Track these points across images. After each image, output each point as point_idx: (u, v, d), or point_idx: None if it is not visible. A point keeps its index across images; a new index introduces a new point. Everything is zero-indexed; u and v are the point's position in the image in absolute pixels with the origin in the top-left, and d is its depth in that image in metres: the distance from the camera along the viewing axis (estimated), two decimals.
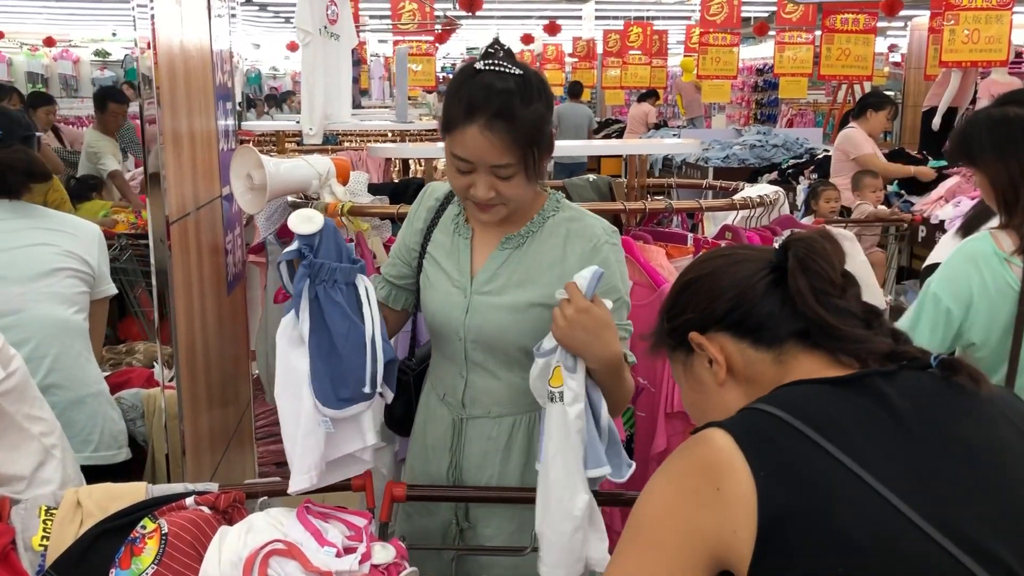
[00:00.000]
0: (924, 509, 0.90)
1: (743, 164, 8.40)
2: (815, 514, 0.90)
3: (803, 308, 1.05)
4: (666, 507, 0.97)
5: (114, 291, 2.26)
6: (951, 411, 0.99)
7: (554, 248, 1.66)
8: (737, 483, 0.93)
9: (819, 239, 1.08)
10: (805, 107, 14.67)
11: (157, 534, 1.52)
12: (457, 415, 1.75)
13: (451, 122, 1.55)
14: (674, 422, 2.16)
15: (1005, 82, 6.47)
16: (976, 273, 1.86)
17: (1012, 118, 1.87)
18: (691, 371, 1.16)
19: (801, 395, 1.00)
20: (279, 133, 4.33)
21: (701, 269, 1.16)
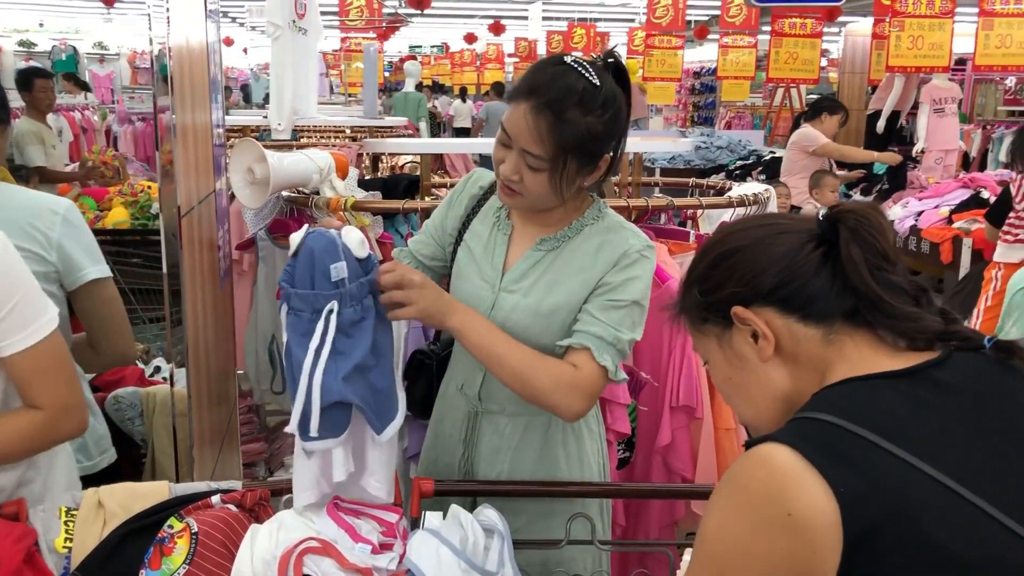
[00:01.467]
0: (1008, 507, 0.87)
1: (689, 165, 8.55)
2: (905, 526, 0.86)
3: (856, 282, 0.99)
4: (738, 541, 0.91)
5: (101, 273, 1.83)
6: (1013, 397, 0.96)
7: (585, 255, 1.64)
8: (811, 503, 0.87)
9: (871, 211, 1.02)
10: (743, 110, 14.99)
11: (187, 533, 1.48)
12: (473, 407, 1.75)
13: (513, 94, 1.57)
14: (678, 416, 2.19)
15: (946, 87, 6.71)
16: None
17: None
18: (729, 346, 1.07)
19: (860, 398, 0.95)
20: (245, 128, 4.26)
21: (739, 240, 1.08)
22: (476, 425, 1.75)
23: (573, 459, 1.72)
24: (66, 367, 1.53)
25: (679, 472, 2.20)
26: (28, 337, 1.46)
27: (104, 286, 1.84)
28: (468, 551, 1.43)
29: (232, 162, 2.11)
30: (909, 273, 1.03)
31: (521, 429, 1.72)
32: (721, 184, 2.82)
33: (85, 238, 1.83)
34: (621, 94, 1.56)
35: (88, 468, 1.94)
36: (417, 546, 1.45)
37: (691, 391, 2.17)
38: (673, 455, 2.21)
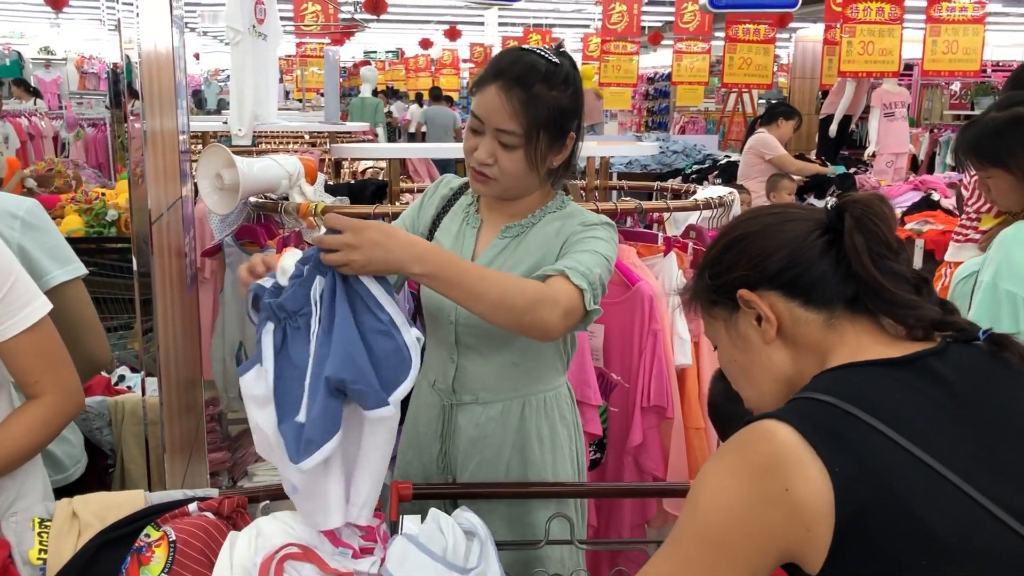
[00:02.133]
0: (997, 496, 0.89)
1: (645, 170, 8.63)
2: (896, 509, 0.88)
3: (858, 268, 1.01)
4: (733, 510, 0.92)
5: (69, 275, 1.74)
6: (1008, 390, 0.98)
7: (547, 236, 1.69)
8: (807, 481, 0.89)
9: (876, 200, 1.05)
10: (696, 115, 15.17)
11: (164, 542, 1.47)
12: (447, 401, 1.77)
13: (479, 80, 1.63)
14: (649, 416, 2.22)
15: (896, 92, 6.87)
16: None
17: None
18: (734, 329, 1.11)
19: (859, 382, 0.97)
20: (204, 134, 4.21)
21: (749, 226, 1.11)
22: (452, 418, 1.76)
23: (546, 443, 1.75)
24: (63, 350, 1.53)
25: (651, 471, 2.23)
26: (27, 318, 1.46)
27: (73, 288, 1.77)
28: (449, 556, 1.44)
29: (200, 168, 2.09)
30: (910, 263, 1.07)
31: (496, 416, 1.74)
32: (684, 187, 2.86)
33: (49, 240, 1.75)
34: (578, 73, 1.65)
35: (60, 481, 1.89)
36: (395, 554, 1.45)
37: (661, 391, 2.20)
38: (645, 455, 2.23)
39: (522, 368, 1.72)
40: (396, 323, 1.37)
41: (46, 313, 1.49)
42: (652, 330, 2.19)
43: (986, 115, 2.17)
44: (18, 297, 1.45)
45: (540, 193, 1.72)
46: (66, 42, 15.30)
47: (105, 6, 1.75)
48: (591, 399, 2.11)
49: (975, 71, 6.89)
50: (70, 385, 1.53)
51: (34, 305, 1.48)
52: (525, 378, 1.73)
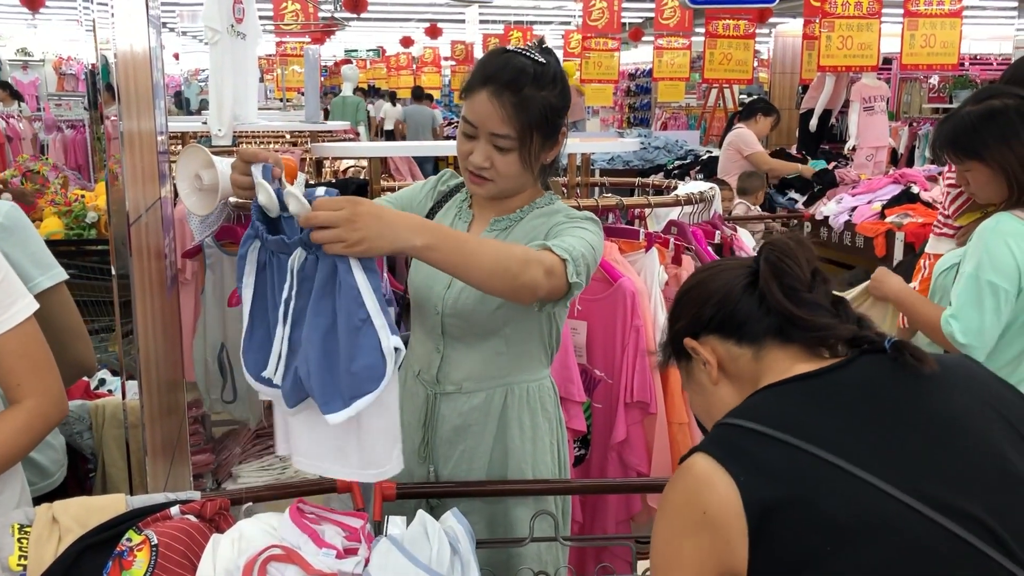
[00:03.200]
0: (897, 480, 0.98)
1: (628, 166, 8.65)
2: (797, 503, 0.98)
3: (772, 303, 1.15)
4: (670, 548, 1.07)
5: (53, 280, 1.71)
6: (909, 388, 1.08)
7: (533, 230, 1.71)
8: (720, 498, 1.01)
9: (789, 242, 1.19)
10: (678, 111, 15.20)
11: (146, 546, 1.46)
12: (431, 391, 1.78)
13: (468, 87, 1.64)
14: (633, 412, 2.23)
15: (875, 86, 6.91)
16: (1014, 249, 2.06)
17: (1001, 108, 2.10)
18: (691, 375, 1.26)
19: (768, 402, 1.10)
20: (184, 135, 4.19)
21: (692, 280, 1.28)
22: (435, 408, 1.78)
23: (527, 432, 1.77)
24: (48, 354, 1.51)
25: (635, 467, 2.23)
26: (13, 317, 1.44)
27: (58, 293, 1.74)
28: (433, 562, 1.43)
29: (179, 168, 2.07)
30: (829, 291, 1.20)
31: (479, 404, 1.75)
32: (665, 183, 2.87)
33: (31, 244, 1.71)
34: (563, 69, 1.68)
35: (43, 488, 1.87)
36: (379, 557, 1.44)
37: (644, 387, 2.20)
38: (628, 451, 2.24)
39: (506, 357, 1.74)
40: (375, 323, 1.35)
41: (32, 313, 1.48)
42: (634, 326, 2.20)
43: (962, 109, 2.19)
44: (6, 295, 1.44)
45: (531, 191, 1.75)
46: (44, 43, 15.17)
47: (81, 6, 1.73)
48: (575, 395, 2.11)
49: (953, 64, 6.94)
50: (53, 390, 1.51)
51: (21, 304, 1.46)
52: (509, 367, 1.75)
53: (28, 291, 1.56)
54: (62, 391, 1.54)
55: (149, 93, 2.16)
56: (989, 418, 1.08)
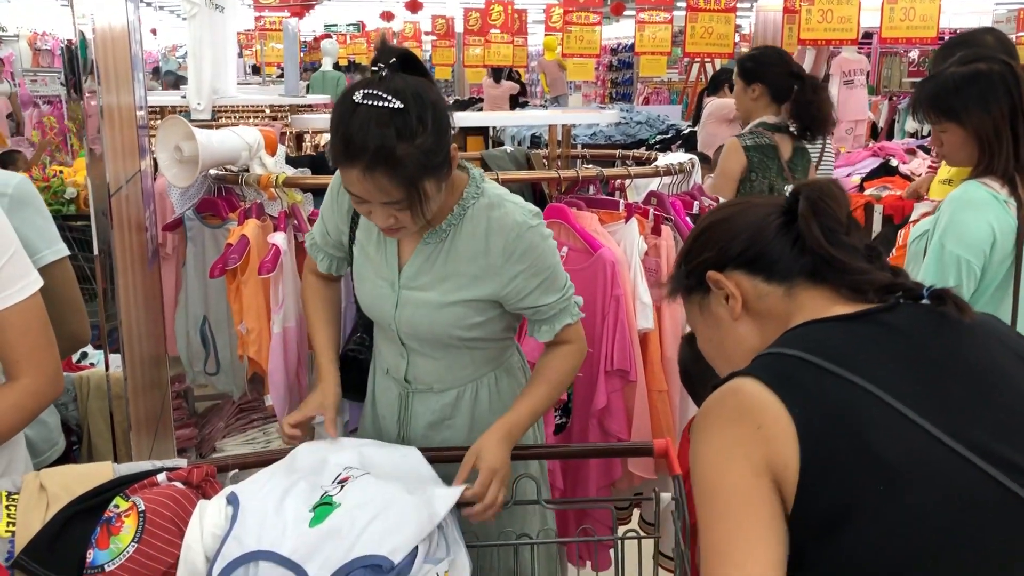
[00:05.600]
0: (944, 426, 0.97)
1: (610, 141, 8.65)
2: (851, 441, 0.96)
3: (811, 243, 1.12)
4: (723, 467, 1.00)
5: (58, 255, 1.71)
6: (950, 337, 1.07)
7: (476, 241, 1.64)
8: (775, 420, 0.98)
9: (829, 184, 1.17)
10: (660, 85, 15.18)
11: (134, 512, 1.48)
12: (403, 389, 1.79)
13: (336, 157, 1.51)
14: (613, 380, 2.25)
15: (855, 59, 6.95)
16: (984, 219, 2.08)
17: (986, 72, 2.09)
18: (707, 310, 1.23)
19: (815, 334, 1.07)
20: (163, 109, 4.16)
21: (717, 215, 1.25)
22: (408, 404, 1.79)
23: None
24: (50, 331, 1.51)
25: (615, 434, 2.27)
26: (20, 291, 1.45)
27: (61, 267, 1.73)
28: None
29: (159, 140, 2.08)
30: (863, 238, 1.17)
31: (452, 402, 1.77)
32: (646, 155, 2.88)
33: (39, 217, 1.70)
34: (422, 85, 1.50)
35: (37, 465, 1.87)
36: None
37: (625, 355, 2.23)
38: (609, 418, 2.27)
39: (473, 361, 1.75)
40: None
41: (37, 289, 1.48)
42: (614, 295, 2.22)
43: (946, 69, 2.19)
44: (14, 270, 1.44)
45: (449, 188, 1.62)
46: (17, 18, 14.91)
47: None
48: None
49: (932, 38, 6.96)
50: (50, 370, 1.51)
51: (28, 279, 1.47)
52: (476, 366, 1.76)
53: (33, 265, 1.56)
54: (59, 370, 1.54)
55: (128, 66, 2.15)
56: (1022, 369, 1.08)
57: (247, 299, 2.29)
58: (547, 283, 1.65)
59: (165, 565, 1.44)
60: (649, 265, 2.37)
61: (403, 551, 1.37)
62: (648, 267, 2.36)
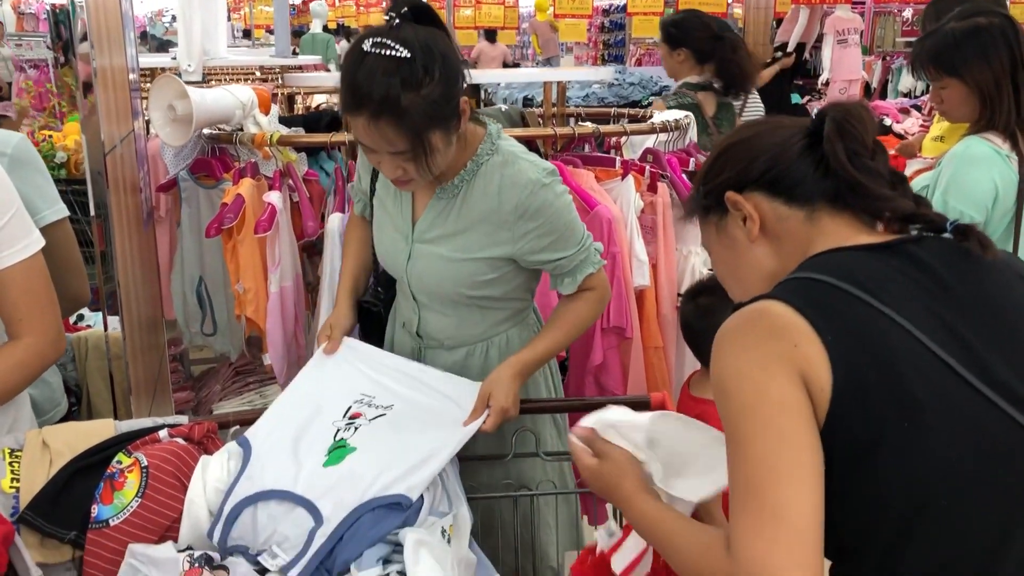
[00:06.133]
0: (968, 363, 0.97)
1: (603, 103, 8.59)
2: (882, 374, 0.95)
3: (835, 165, 1.08)
4: (759, 380, 0.97)
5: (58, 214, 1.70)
6: (975, 275, 1.05)
7: (488, 199, 1.62)
8: (810, 342, 0.96)
9: (857, 106, 1.12)
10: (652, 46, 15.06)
11: (137, 467, 1.49)
12: (416, 343, 1.80)
13: (344, 107, 1.52)
14: (609, 337, 2.27)
15: (848, 18, 6.89)
16: (987, 174, 2.08)
17: (986, 26, 2.09)
18: (724, 231, 1.19)
19: (844, 262, 1.04)
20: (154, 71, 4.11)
21: (739, 135, 1.20)
22: (422, 359, 1.80)
23: None
24: (52, 291, 1.52)
25: (611, 390, 2.29)
26: (23, 250, 1.45)
27: (62, 227, 1.73)
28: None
29: (152, 99, 2.06)
30: (888, 163, 1.13)
31: (462, 359, 1.77)
32: (641, 113, 2.88)
33: (39, 177, 1.70)
34: (432, 36, 1.50)
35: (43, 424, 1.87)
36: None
37: (621, 313, 2.24)
38: (605, 374, 2.29)
39: (484, 320, 1.75)
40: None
41: (39, 249, 1.48)
42: (611, 252, 2.23)
43: (946, 25, 2.18)
44: (17, 228, 1.44)
45: (464, 144, 1.63)
46: None
47: None
48: None
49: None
50: (52, 329, 1.51)
51: (31, 238, 1.47)
52: (487, 325, 1.76)
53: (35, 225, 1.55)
54: (61, 330, 1.54)
55: (119, 28, 2.13)
56: None
57: (243, 259, 2.29)
58: (561, 240, 1.64)
59: (169, 519, 1.46)
60: (645, 222, 2.37)
61: (420, 488, 1.39)
62: (644, 224, 2.36)
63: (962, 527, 0.96)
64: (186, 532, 1.44)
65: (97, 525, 1.43)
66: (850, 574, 1.00)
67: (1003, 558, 0.96)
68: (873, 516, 0.97)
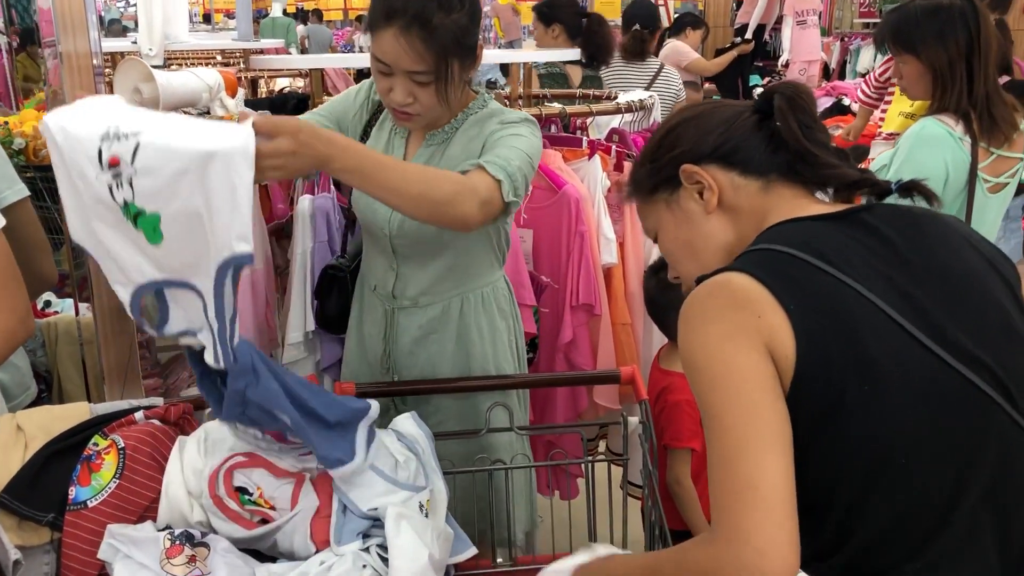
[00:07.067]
0: (923, 326, 1.01)
1: None
2: (842, 340, 0.99)
3: (789, 138, 1.13)
4: (727, 351, 0.99)
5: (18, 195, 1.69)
6: (925, 238, 1.10)
7: (472, 139, 1.70)
8: (774, 312, 0.99)
9: (800, 85, 1.18)
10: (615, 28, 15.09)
11: (113, 449, 1.50)
12: (389, 306, 1.81)
13: (372, 23, 1.56)
14: (578, 314, 2.31)
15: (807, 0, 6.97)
16: (939, 155, 2.13)
17: (948, 6, 2.14)
18: (676, 205, 1.20)
19: (801, 233, 1.07)
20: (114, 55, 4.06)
21: (687, 114, 1.23)
22: (394, 321, 1.81)
23: (486, 336, 1.82)
24: (16, 271, 1.51)
25: (581, 367, 2.32)
26: None
27: (24, 207, 1.72)
28: (399, 473, 1.46)
29: (117, 83, 2.05)
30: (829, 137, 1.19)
31: (437, 315, 1.79)
32: (606, 93, 2.91)
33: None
34: None
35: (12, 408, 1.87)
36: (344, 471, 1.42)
37: (589, 290, 2.28)
38: (575, 351, 2.32)
39: (458, 270, 1.77)
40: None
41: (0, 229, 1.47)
42: (579, 232, 2.26)
43: (914, 1, 2.24)
44: None
45: (461, 98, 1.72)
46: None
47: None
48: (526, 300, 2.17)
49: None
50: (19, 309, 1.51)
51: None
52: (462, 277, 1.78)
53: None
54: (29, 310, 1.53)
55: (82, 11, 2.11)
56: (990, 273, 1.10)
57: None
58: (504, 146, 1.61)
59: (147, 500, 1.47)
60: (612, 201, 2.41)
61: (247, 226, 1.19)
62: (611, 203, 2.40)
63: (919, 482, 1.01)
64: (164, 512, 1.45)
65: (75, 507, 1.43)
66: (813, 530, 1.04)
67: (956, 506, 1.01)
68: (836, 476, 1.02)
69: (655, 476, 1.56)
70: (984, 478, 1.02)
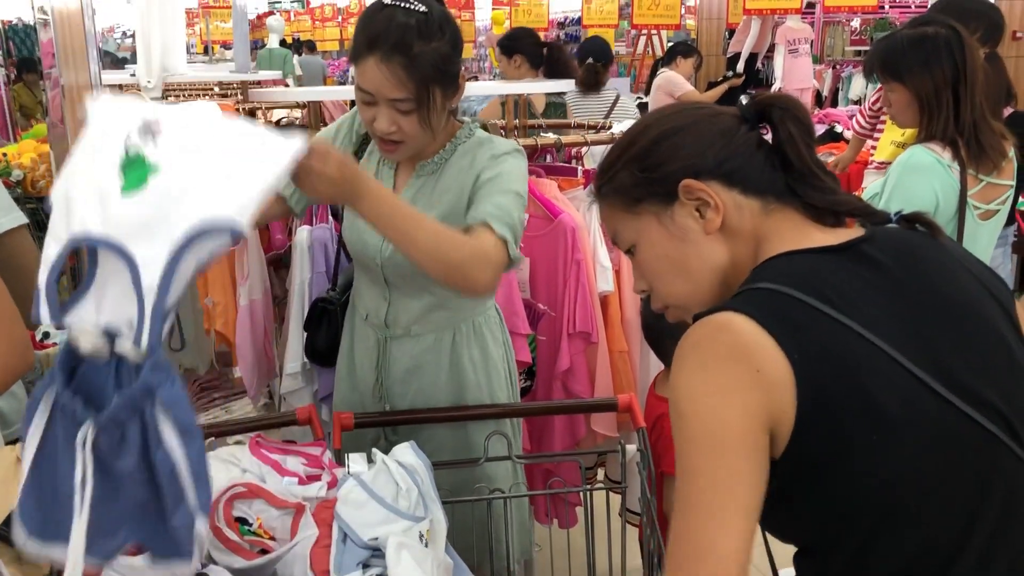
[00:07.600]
0: (931, 370, 0.97)
1: None
2: (849, 388, 0.94)
3: (794, 157, 1.07)
4: (716, 406, 0.95)
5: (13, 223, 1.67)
6: (927, 272, 1.05)
7: (461, 171, 1.70)
8: (774, 364, 0.94)
9: (793, 99, 1.12)
10: None
11: None
12: (381, 335, 1.82)
13: (355, 53, 1.59)
14: (576, 342, 2.32)
15: (799, 28, 7.07)
16: (927, 183, 2.15)
17: (932, 35, 2.17)
18: (671, 221, 1.10)
19: (805, 269, 1.02)
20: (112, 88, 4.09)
21: (681, 120, 1.12)
22: (386, 351, 1.82)
23: (479, 366, 1.82)
24: (11, 303, 1.48)
25: (578, 394, 2.33)
26: None
27: (20, 235, 1.71)
28: (399, 502, 1.46)
29: None
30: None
31: (429, 346, 1.80)
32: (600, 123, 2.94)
33: None
34: (447, 10, 1.63)
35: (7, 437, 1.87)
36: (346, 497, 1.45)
37: (586, 318, 2.29)
38: (572, 379, 2.33)
39: (451, 299, 1.78)
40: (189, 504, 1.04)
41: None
42: (575, 260, 2.28)
43: (901, 30, 2.28)
44: None
45: (446, 129, 1.73)
46: None
47: None
48: (520, 329, 2.19)
49: (873, 6, 7.12)
50: (17, 340, 1.48)
51: None
52: (455, 308, 1.79)
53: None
54: (28, 343, 1.51)
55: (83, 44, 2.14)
56: (985, 297, 1.06)
57: (212, 272, 2.30)
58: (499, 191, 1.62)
59: None
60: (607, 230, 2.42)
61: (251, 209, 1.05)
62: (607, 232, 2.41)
63: (928, 527, 0.98)
64: None
65: None
66: (820, 569, 1.02)
67: (966, 545, 0.99)
68: (843, 517, 0.99)
69: (653, 504, 1.57)
70: (992, 516, 0.99)
